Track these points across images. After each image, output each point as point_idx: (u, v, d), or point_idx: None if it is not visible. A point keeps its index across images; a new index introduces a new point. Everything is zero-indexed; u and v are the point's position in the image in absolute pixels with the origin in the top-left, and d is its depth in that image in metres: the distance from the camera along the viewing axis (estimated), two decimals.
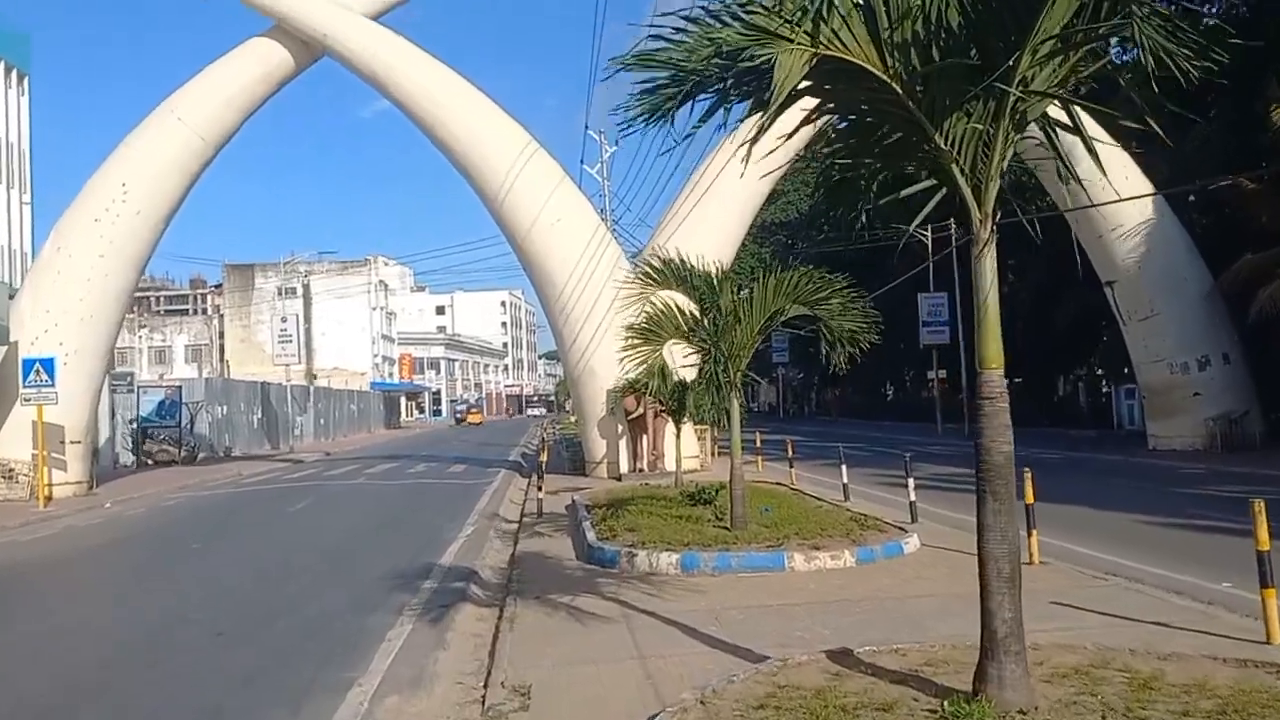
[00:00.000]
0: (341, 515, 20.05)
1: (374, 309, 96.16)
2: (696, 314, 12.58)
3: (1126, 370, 34.57)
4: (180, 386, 41.08)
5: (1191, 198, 30.00)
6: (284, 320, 51.70)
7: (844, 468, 17.73)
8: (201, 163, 26.75)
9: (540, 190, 25.08)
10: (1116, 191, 26.62)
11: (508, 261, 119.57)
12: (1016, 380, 51.84)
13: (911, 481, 14.50)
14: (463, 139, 25.56)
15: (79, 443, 25.60)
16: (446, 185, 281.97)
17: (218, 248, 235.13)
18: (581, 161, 34.31)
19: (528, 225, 25.09)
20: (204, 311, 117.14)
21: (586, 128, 36.83)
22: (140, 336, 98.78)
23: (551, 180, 25.39)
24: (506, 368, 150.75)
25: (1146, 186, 27.74)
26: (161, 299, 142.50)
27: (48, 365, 23.18)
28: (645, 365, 13.64)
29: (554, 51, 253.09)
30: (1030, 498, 10.58)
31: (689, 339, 13.00)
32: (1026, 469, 10.87)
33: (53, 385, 23.12)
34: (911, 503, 14.22)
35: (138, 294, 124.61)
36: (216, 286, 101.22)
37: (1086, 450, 31.09)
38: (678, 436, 20.13)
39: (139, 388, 39.77)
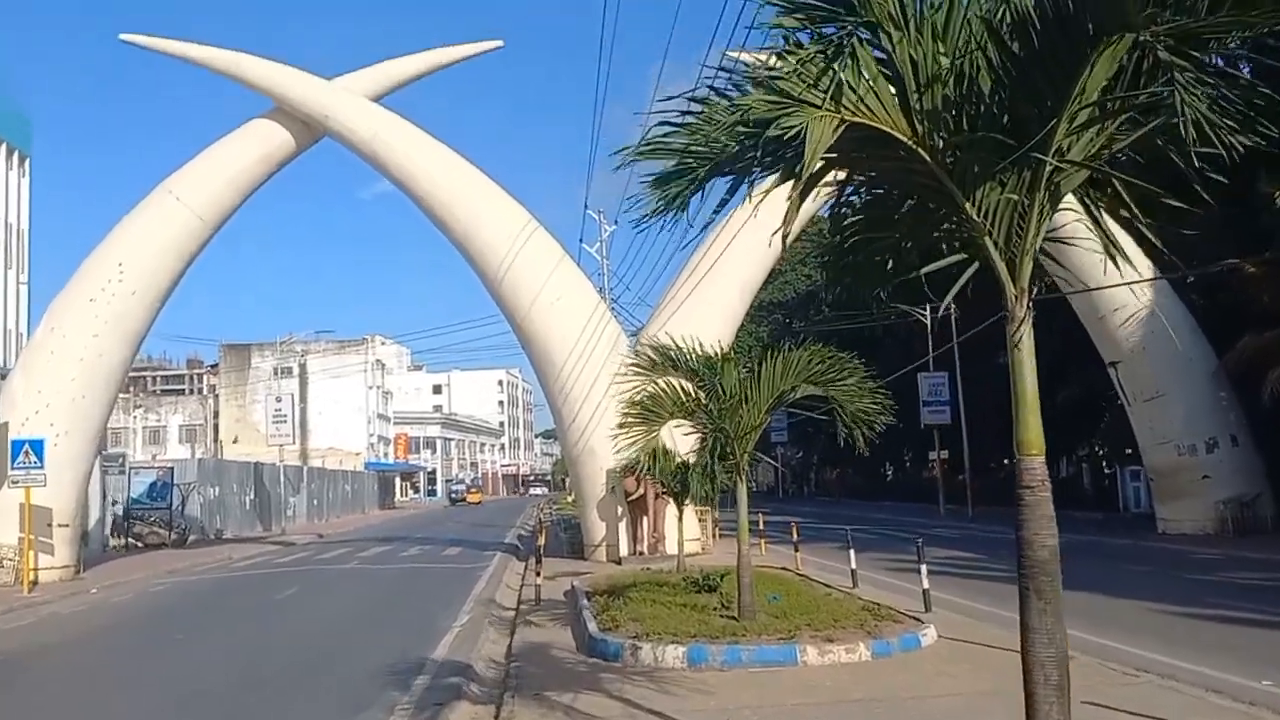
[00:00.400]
0: (331, 602, 19.40)
1: (370, 388, 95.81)
2: (700, 395, 12.20)
3: (1131, 451, 34.14)
4: (172, 468, 40.53)
5: (1190, 279, 29.93)
6: (278, 400, 51.23)
7: (852, 552, 17.19)
8: (199, 243, 26.63)
9: (540, 269, 24.93)
10: (1120, 271, 26.46)
11: (505, 340, 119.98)
12: (1008, 461, 51.31)
13: (925, 568, 13.97)
14: (462, 218, 25.48)
15: (67, 526, 24.99)
16: (445, 265, 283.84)
17: (215, 327, 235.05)
18: (580, 240, 34.39)
19: (527, 304, 24.88)
20: (199, 391, 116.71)
21: (586, 207, 37.03)
22: (135, 417, 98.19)
23: (551, 259, 25.26)
24: (503, 447, 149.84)
25: (1147, 265, 27.62)
26: (158, 379, 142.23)
27: (36, 447, 22.69)
28: (640, 447, 13.20)
29: (554, 130, 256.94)
30: None
31: (691, 419, 12.61)
32: None
33: (41, 467, 22.61)
34: (925, 591, 13.68)
35: (133, 374, 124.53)
36: (212, 366, 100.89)
37: (1093, 533, 30.47)
38: (679, 519, 19.61)
39: (130, 469, 39.21)
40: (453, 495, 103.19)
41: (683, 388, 12.44)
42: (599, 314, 25.17)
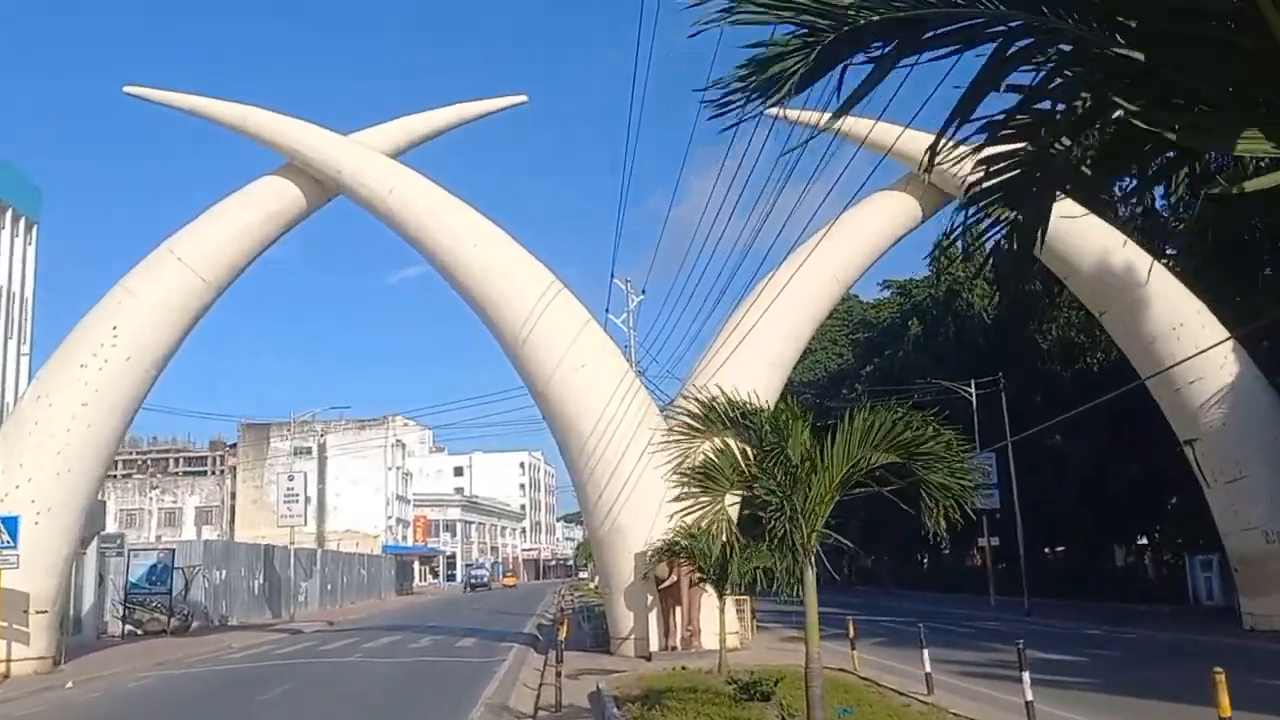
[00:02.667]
0: (319, 706, 17.01)
1: (390, 469, 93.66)
2: (762, 461, 10.01)
3: (1203, 540, 31.46)
4: (173, 549, 38.37)
5: (1265, 343, 27.61)
6: (290, 479, 49.14)
7: (926, 653, 14.76)
8: (201, 305, 24.92)
9: (564, 333, 23.02)
10: (1195, 342, 24.38)
11: (527, 415, 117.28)
12: (1060, 549, 48.54)
13: (1028, 676, 11.54)
14: (481, 278, 23.68)
15: (45, 612, 22.86)
16: (471, 343, 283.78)
17: (237, 404, 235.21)
18: (607, 310, 32.43)
19: (550, 370, 22.90)
20: (219, 472, 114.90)
21: (612, 276, 35.14)
22: (150, 498, 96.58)
23: (576, 323, 23.36)
24: (524, 530, 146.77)
25: (1222, 335, 25.42)
26: (180, 460, 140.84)
27: (10, 525, 20.71)
28: (707, 518, 10.96)
29: (581, 197, 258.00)
30: (1226, 709, 7.77)
31: (750, 490, 10.41)
32: (1218, 670, 8.11)
33: (14, 548, 20.60)
34: (1029, 703, 11.25)
35: (156, 455, 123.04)
36: (231, 446, 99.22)
37: (1169, 628, 27.75)
38: (721, 610, 17.24)
39: (130, 550, 37.10)
40: (472, 580, 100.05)
41: (743, 451, 10.26)
42: (627, 382, 23.12)
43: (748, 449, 10.47)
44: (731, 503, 12.76)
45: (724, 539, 14.67)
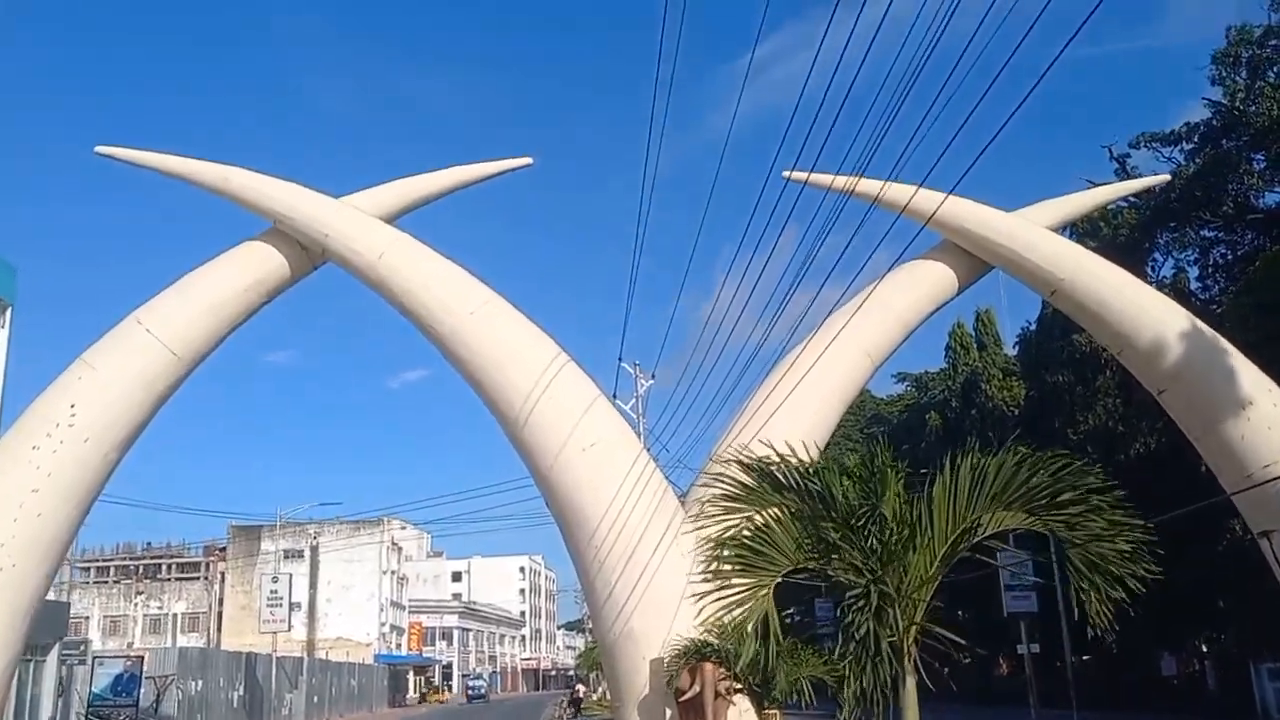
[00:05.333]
0: None
1: (385, 572, 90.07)
2: (841, 532, 7.54)
3: (1269, 648, 28.58)
4: (142, 657, 35.26)
5: None
6: (275, 580, 46.02)
7: None
8: (171, 382, 22.57)
9: (571, 411, 20.66)
10: (1266, 422, 22.00)
11: (529, 508, 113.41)
12: (1085, 657, 45.18)
13: None
14: (479, 350, 21.43)
15: None
16: (474, 444, 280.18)
17: (234, 507, 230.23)
18: (614, 396, 30.10)
19: (554, 452, 20.46)
20: (207, 578, 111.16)
21: (620, 359, 32.95)
22: (136, 604, 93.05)
23: (583, 399, 21.01)
24: (524, 639, 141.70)
25: None
26: (173, 566, 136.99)
27: None
28: (749, 609, 8.38)
29: (587, 275, 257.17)
30: None
31: (824, 568, 7.91)
32: None
33: None
34: None
35: (150, 561, 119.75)
36: (221, 550, 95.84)
37: None
38: None
39: (94, 658, 34.10)
40: (470, 692, 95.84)
41: (809, 521, 7.79)
42: (641, 464, 20.64)
43: (800, 523, 8.06)
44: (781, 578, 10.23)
45: (773, 635, 12.00)
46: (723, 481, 8.02)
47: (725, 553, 7.95)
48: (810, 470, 7.57)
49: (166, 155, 23.44)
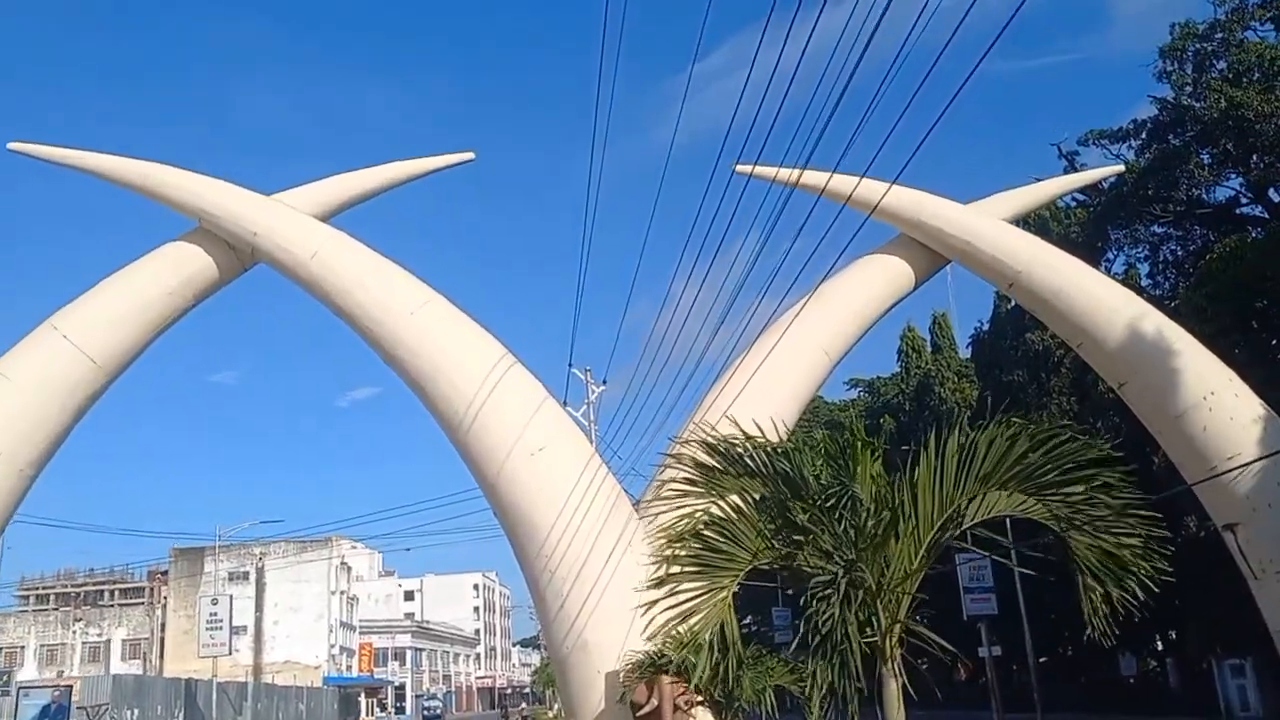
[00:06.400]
0: None
1: (334, 593, 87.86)
2: (812, 518, 6.65)
3: (1230, 643, 28.24)
4: (70, 686, 33.50)
5: None
6: (214, 603, 44.27)
7: None
8: (91, 391, 21.23)
9: (517, 414, 19.70)
10: (1229, 412, 21.68)
11: (480, 519, 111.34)
12: (1042, 659, 44.85)
13: None
14: (419, 352, 20.39)
15: None
16: (425, 461, 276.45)
17: (172, 526, 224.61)
18: (565, 403, 29.02)
19: (501, 457, 19.48)
20: (150, 603, 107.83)
21: (570, 365, 31.94)
22: (74, 631, 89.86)
23: (531, 401, 20.05)
24: (478, 657, 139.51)
25: (1256, 406, 22.74)
26: (116, 593, 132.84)
27: None
28: (702, 620, 7.42)
29: (534, 278, 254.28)
30: None
31: (791, 562, 7.00)
32: None
33: None
34: None
35: (92, 588, 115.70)
36: (163, 574, 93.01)
37: None
38: None
39: (19, 688, 32.34)
40: (425, 713, 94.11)
41: (775, 507, 6.89)
42: (592, 468, 19.70)
43: (764, 512, 7.17)
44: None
45: (731, 644, 11.06)
46: (682, 465, 7.12)
47: (679, 551, 6.98)
48: (778, 450, 6.68)
49: (84, 152, 22.16)
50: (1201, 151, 36.23)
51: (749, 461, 6.80)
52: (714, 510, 6.98)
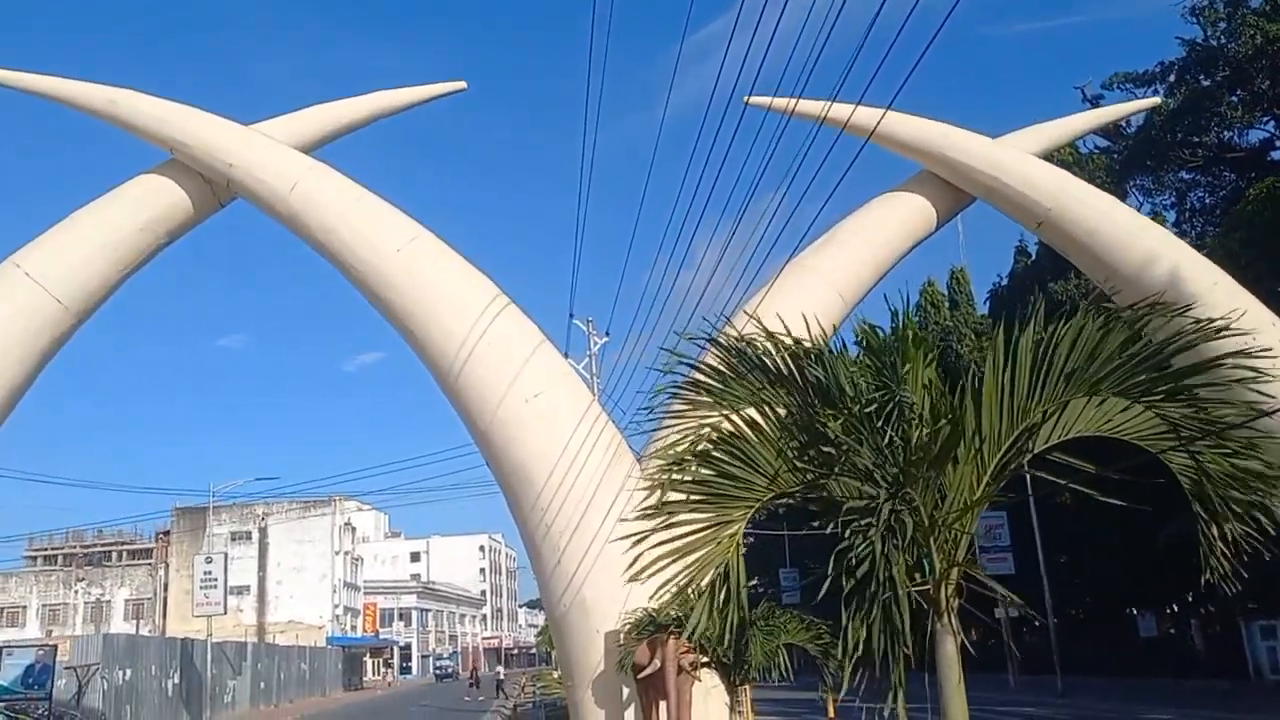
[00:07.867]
0: None
1: (338, 553, 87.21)
2: (852, 434, 5.28)
3: (1260, 604, 26.99)
4: (54, 646, 32.45)
5: None
6: (209, 561, 43.21)
7: None
8: (57, 334, 19.87)
9: (511, 357, 18.30)
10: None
11: (483, 474, 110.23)
12: (1054, 620, 43.74)
13: None
14: (406, 292, 18.98)
15: None
16: (432, 423, 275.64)
17: (179, 480, 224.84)
18: (566, 354, 27.59)
19: (494, 403, 18.11)
20: (155, 563, 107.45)
21: (571, 315, 30.56)
22: (76, 591, 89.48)
23: (526, 345, 18.65)
24: (485, 618, 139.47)
25: None
26: (123, 554, 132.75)
27: None
28: (701, 566, 6.06)
29: (535, 229, 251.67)
30: None
31: (817, 490, 5.63)
32: None
33: None
34: None
35: (101, 549, 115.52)
36: (165, 533, 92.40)
37: (1238, 709, 23.13)
38: (732, 707, 12.34)
39: (2, 648, 31.33)
40: (437, 671, 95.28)
41: (802, 419, 5.51)
42: (591, 415, 18.35)
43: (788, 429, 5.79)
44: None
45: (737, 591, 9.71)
46: (690, 372, 5.73)
47: (681, 476, 5.61)
48: (810, 353, 5.29)
49: (44, 76, 20.66)
50: (1233, 93, 34.52)
51: (771, 366, 5.43)
52: (725, 427, 5.63)
